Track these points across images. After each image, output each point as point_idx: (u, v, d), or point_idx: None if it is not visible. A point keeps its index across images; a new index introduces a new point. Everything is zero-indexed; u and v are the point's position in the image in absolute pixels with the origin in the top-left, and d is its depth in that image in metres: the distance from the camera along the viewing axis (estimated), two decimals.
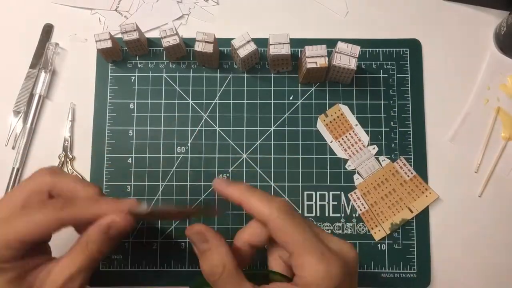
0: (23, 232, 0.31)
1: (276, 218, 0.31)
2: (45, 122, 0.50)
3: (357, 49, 0.45)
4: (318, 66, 0.45)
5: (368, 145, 0.48)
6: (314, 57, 0.45)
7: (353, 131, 0.48)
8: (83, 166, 0.49)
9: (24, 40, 0.51)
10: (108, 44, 0.47)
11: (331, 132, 0.48)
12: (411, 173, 0.47)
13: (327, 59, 0.45)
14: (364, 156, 0.47)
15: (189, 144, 0.49)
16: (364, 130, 0.49)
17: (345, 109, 0.49)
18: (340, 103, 0.49)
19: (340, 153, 0.48)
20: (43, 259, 0.33)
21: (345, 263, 0.30)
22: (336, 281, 0.29)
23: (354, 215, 0.48)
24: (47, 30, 0.51)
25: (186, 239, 0.47)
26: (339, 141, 0.48)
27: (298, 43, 0.49)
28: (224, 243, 0.32)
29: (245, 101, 0.50)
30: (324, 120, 0.49)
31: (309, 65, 0.45)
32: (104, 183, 0.48)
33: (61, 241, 0.37)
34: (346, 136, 0.48)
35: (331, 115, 0.49)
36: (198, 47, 0.46)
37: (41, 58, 0.50)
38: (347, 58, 0.45)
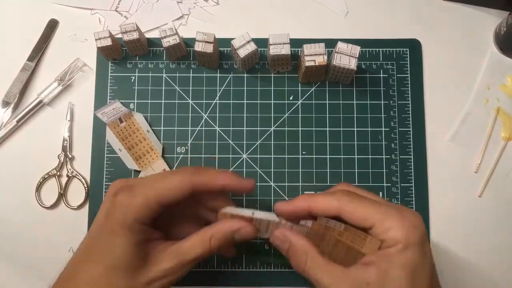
0: (162, 194, 0.34)
1: (345, 205, 0.34)
2: (45, 122, 0.50)
3: (357, 49, 0.45)
4: (317, 64, 0.45)
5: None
6: (313, 55, 0.45)
7: None
8: (83, 166, 0.49)
9: (24, 39, 0.51)
10: (108, 42, 0.47)
11: None
12: (340, 225, 0.35)
13: (325, 57, 0.45)
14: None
15: (189, 144, 0.49)
16: (364, 130, 0.49)
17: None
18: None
19: None
20: (159, 236, 0.36)
21: (421, 217, 0.34)
22: (423, 229, 0.32)
23: None
24: (51, 25, 0.51)
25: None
26: None
27: (298, 43, 0.49)
28: (302, 236, 0.35)
29: (245, 101, 0.50)
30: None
31: (307, 63, 0.45)
32: (104, 183, 0.48)
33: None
34: None
35: None
36: (198, 47, 0.46)
37: (40, 52, 0.50)
38: (347, 58, 0.45)
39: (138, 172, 0.48)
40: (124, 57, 0.51)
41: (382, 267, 0.31)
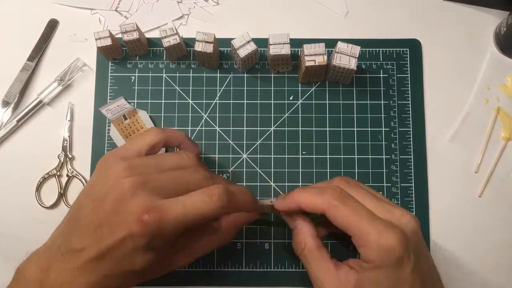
0: (140, 143, 0.37)
1: (329, 209, 0.33)
2: (45, 122, 0.50)
3: (357, 49, 0.45)
4: (317, 64, 0.45)
5: None
6: (313, 55, 0.45)
7: None
8: (83, 166, 0.49)
9: (24, 39, 0.51)
10: (108, 42, 0.47)
11: None
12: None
13: (325, 57, 0.45)
14: None
15: None
16: (364, 130, 0.49)
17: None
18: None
19: None
20: None
21: (404, 235, 0.31)
22: (398, 254, 0.31)
23: None
24: (51, 25, 0.51)
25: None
26: None
27: (298, 43, 0.49)
28: (308, 224, 0.37)
29: (245, 101, 0.50)
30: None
31: (307, 63, 0.45)
32: None
33: None
34: None
35: None
36: (198, 47, 0.46)
37: (40, 52, 0.50)
38: (347, 58, 0.45)
39: None
40: (124, 57, 0.51)
41: (360, 277, 0.32)
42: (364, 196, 0.35)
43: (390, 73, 0.50)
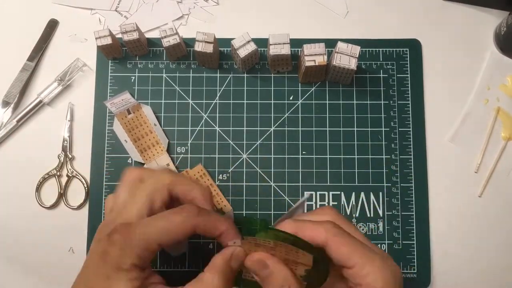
0: (163, 234, 0.31)
1: (331, 238, 0.31)
2: (45, 122, 0.50)
3: (357, 49, 0.45)
4: (317, 64, 0.45)
5: None
6: (313, 55, 0.45)
7: None
8: (83, 166, 0.49)
9: (24, 39, 0.51)
10: (108, 40, 0.47)
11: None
12: (269, 242, 0.33)
13: (325, 57, 0.45)
14: None
15: (189, 144, 0.49)
16: (364, 130, 0.49)
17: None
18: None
19: None
20: (158, 280, 0.33)
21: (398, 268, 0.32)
22: (401, 281, 0.31)
23: (354, 215, 0.48)
24: (51, 25, 0.51)
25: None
26: None
27: (298, 43, 0.49)
28: (284, 266, 0.32)
29: (245, 101, 0.50)
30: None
31: (307, 63, 0.45)
32: (104, 183, 0.48)
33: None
34: None
35: None
36: (198, 47, 0.46)
37: (40, 52, 0.50)
38: (347, 58, 0.45)
39: (141, 164, 0.48)
40: (124, 57, 0.51)
41: None
42: (354, 231, 0.33)
43: (390, 73, 0.50)
